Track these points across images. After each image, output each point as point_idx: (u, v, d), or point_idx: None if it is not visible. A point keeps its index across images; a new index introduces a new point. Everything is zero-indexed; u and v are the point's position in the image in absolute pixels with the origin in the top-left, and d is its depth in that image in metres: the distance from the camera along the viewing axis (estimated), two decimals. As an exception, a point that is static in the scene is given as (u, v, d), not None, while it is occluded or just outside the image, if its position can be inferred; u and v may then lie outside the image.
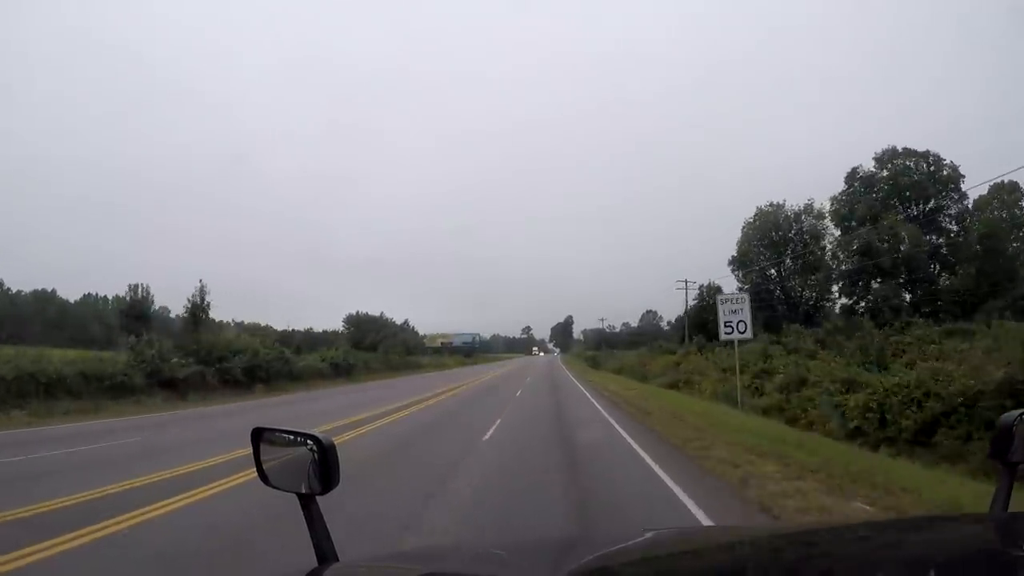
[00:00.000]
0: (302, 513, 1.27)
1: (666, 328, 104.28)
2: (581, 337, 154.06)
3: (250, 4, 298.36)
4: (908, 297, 38.18)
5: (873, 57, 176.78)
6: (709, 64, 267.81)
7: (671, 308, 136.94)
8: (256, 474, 1.42)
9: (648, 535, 1.60)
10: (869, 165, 44.35)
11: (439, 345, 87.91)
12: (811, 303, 51.98)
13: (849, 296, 40.57)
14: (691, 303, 48.15)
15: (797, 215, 53.00)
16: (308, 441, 1.31)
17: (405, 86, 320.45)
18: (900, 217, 39.37)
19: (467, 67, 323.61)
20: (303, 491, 1.27)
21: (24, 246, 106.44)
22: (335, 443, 1.31)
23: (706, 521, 5.18)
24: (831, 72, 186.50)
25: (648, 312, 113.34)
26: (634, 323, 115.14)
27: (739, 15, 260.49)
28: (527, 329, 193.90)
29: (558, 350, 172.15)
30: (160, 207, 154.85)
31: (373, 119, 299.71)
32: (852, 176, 44.38)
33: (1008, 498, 1.30)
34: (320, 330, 74.87)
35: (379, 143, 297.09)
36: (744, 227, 53.14)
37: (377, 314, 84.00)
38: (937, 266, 40.85)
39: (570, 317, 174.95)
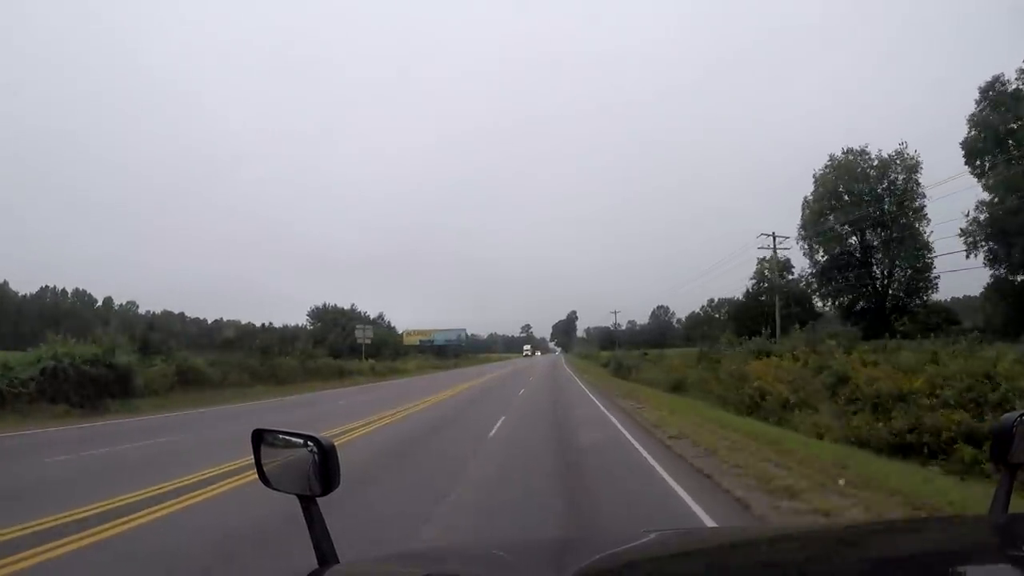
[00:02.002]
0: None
1: (677, 326, 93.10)
2: (584, 335, 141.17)
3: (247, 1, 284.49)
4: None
5: (875, 55, 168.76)
6: (709, 64, 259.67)
7: (682, 305, 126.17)
8: None
9: (651, 536, 1.56)
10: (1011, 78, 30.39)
11: (417, 343, 73.67)
12: (908, 284, 38.17)
13: (1018, 263, 26.42)
14: (747, 284, 34.44)
15: (884, 164, 39.15)
16: (308, 443, 1.28)
17: (404, 86, 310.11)
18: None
19: (467, 67, 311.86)
20: (304, 492, 1.25)
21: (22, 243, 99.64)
22: (335, 444, 1.28)
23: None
24: (831, 71, 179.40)
25: (659, 308, 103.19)
26: (640, 321, 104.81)
27: (738, 15, 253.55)
28: (527, 327, 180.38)
29: (559, 349, 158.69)
30: (158, 208, 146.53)
31: (372, 119, 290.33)
32: (989, 91, 30.33)
33: (1008, 499, 1.28)
34: (281, 324, 61.84)
35: (379, 143, 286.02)
36: (816, 180, 39.24)
37: (347, 306, 70.86)
38: None
39: (573, 313, 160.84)
